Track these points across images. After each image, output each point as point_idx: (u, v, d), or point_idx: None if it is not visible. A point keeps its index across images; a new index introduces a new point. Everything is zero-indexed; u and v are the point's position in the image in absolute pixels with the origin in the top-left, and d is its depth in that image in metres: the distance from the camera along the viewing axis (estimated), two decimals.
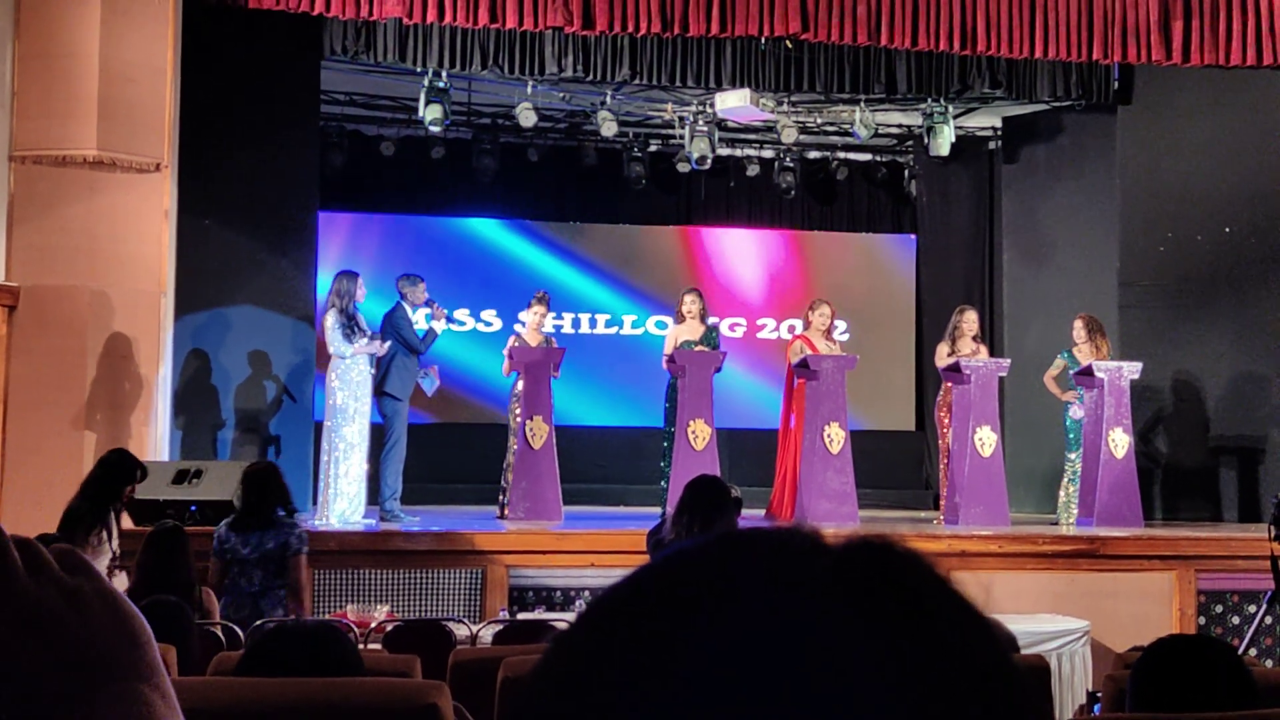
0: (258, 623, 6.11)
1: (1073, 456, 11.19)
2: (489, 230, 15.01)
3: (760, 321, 15.30)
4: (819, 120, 14.33)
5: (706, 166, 14.08)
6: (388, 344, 10.15)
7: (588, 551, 8.92)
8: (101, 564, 6.91)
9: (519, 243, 15.01)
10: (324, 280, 12.02)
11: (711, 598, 0.62)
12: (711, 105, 13.11)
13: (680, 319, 11.08)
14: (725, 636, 0.61)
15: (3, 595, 0.84)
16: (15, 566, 0.85)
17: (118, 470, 7.32)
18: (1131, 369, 10.69)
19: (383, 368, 10.25)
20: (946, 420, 11.05)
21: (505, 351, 10.85)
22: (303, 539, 7.04)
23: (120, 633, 0.87)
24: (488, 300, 14.80)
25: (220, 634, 6.03)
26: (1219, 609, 9.31)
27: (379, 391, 10.22)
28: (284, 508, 7.09)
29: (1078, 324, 11.18)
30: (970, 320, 11.05)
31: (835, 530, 0.68)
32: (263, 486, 7.08)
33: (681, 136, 14.04)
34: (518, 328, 11.79)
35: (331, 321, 9.82)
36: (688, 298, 11.11)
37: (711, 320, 11.24)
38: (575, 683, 0.63)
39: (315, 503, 10.12)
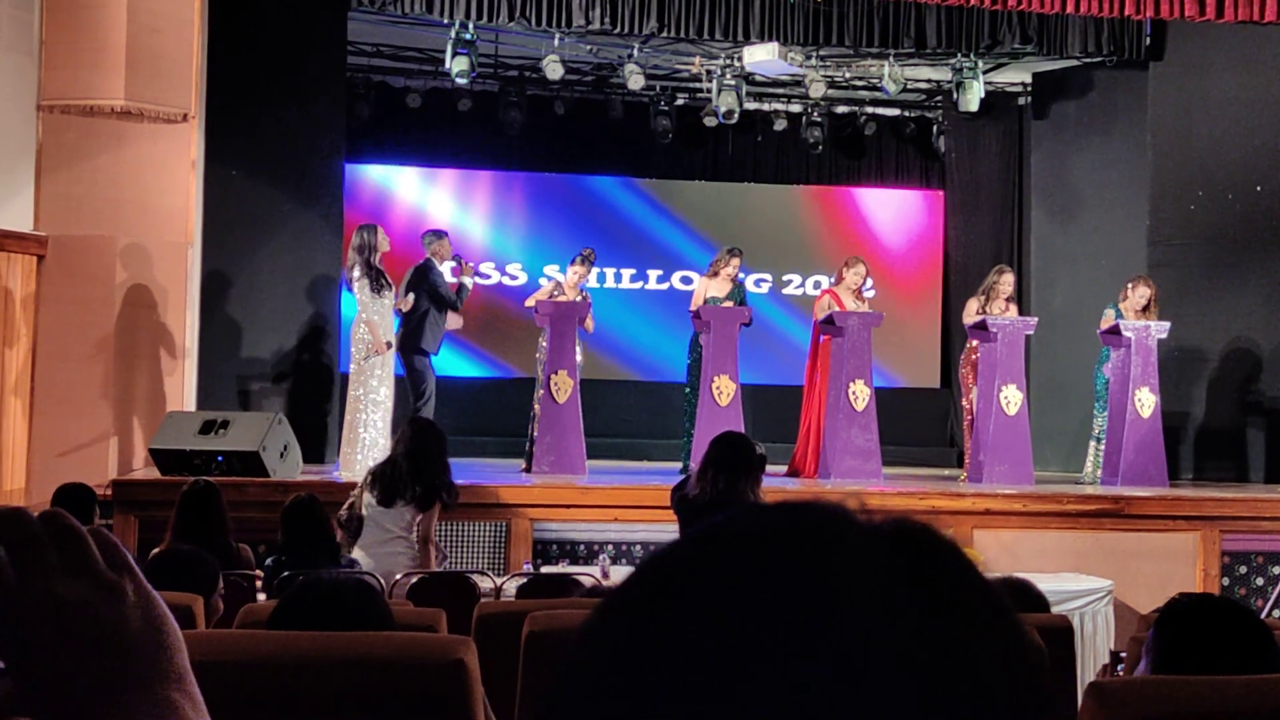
0: (286, 573, 6.14)
1: (1100, 416, 11.13)
2: (515, 183, 14.98)
3: (786, 277, 15.26)
4: (847, 75, 14.23)
5: (734, 121, 14.01)
6: (410, 297, 10.15)
7: (611, 506, 8.94)
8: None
9: (544, 196, 14.99)
10: (351, 230, 12.04)
11: (747, 572, 0.63)
12: (739, 59, 13.03)
13: (714, 274, 10.99)
14: (761, 610, 0.62)
15: (38, 592, 0.84)
16: (51, 564, 0.84)
17: (434, 436, 7.22)
18: (1159, 328, 10.63)
19: (413, 324, 10.26)
20: (971, 378, 11.02)
21: (534, 298, 10.83)
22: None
23: (153, 635, 0.87)
24: (514, 253, 14.79)
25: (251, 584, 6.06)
26: (1243, 570, 9.29)
27: (413, 349, 10.25)
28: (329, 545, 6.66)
29: (1143, 289, 10.94)
30: (1008, 282, 10.98)
31: (867, 506, 0.68)
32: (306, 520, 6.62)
33: (709, 90, 13.97)
34: (543, 281, 11.74)
35: (358, 275, 9.81)
36: (734, 260, 10.97)
37: (739, 276, 11.18)
38: (619, 650, 0.64)
39: (339, 455, 10.16)
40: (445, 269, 10.89)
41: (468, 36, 12.48)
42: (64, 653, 0.83)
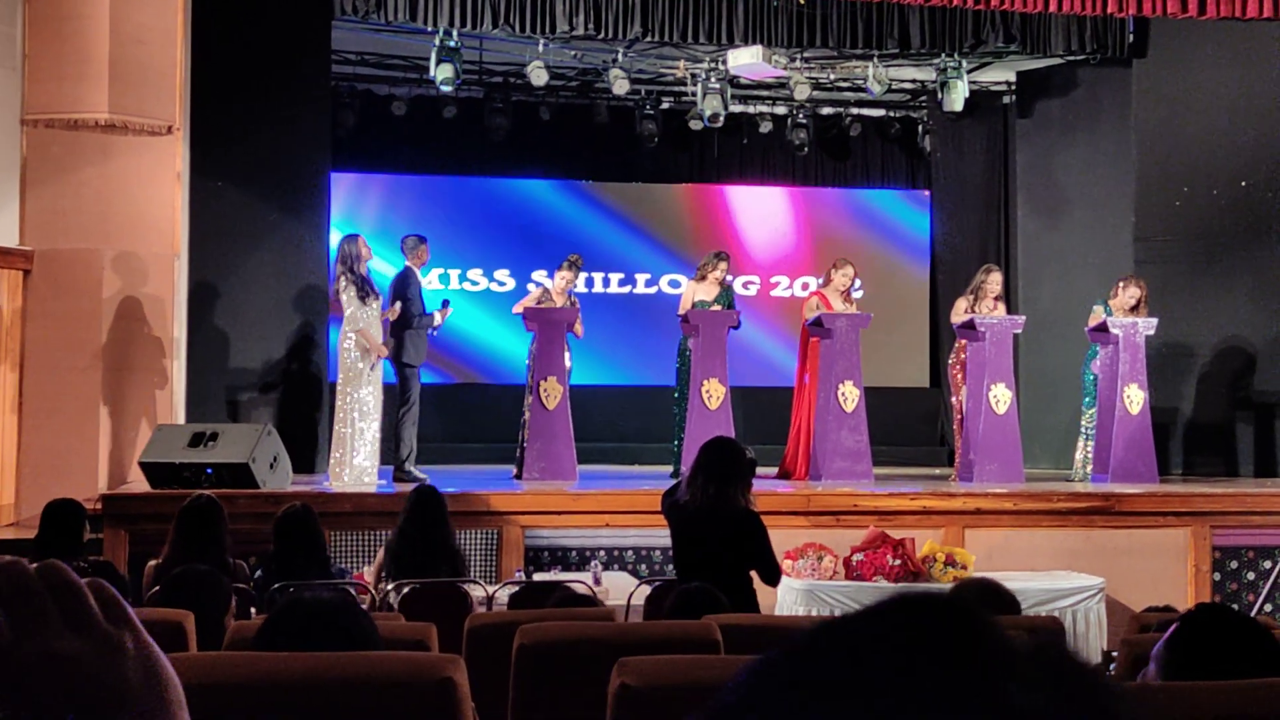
0: (275, 585, 6.13)
1: (1089, 413, 11.15)
2: (501, 190, 14.97)
3: (774, 279, 15.27)
4: (832, 76, 14.25)
5: (719, 124, 14.02)
6: (397, 305, 10.13)
7: (603, 512, 8.94)
8: None
9: (531, 202, 14.98)
10: (336, 241, 12.03)
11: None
12: (724, 62, 13.04)
13: (701, 278, 10.97)
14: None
15: (36, 649, 0.83)
16: (50, 620, 0.83)
17: (438, 506, 7.13)
18: (1147, 325, 10.66)
19: (395, 335, 10.24)
20: (960, 377, 11.04)
21: (521, 305, 10.80)
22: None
23: (154, 691, 0.86)
24: (500, 260, 14.78)
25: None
26: (1234, 565, 9.31)
27: (398, 361, 10.22)
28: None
29: (1134, 289, 10.94)
30: (995, 281, 10.99)
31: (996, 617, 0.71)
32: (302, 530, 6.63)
33: (694, 94, 13.98)
34: (531, 287, 11.71)
35: (344, 286, 9.79)
36: (721, 263, 10.95)
37: (727, 279, 11.17)
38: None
39: (328, 464, 10.14)
40: (431, 276, 10.85)
41: (452, 44, 12.47)
42: (63, 711, 0.82)
